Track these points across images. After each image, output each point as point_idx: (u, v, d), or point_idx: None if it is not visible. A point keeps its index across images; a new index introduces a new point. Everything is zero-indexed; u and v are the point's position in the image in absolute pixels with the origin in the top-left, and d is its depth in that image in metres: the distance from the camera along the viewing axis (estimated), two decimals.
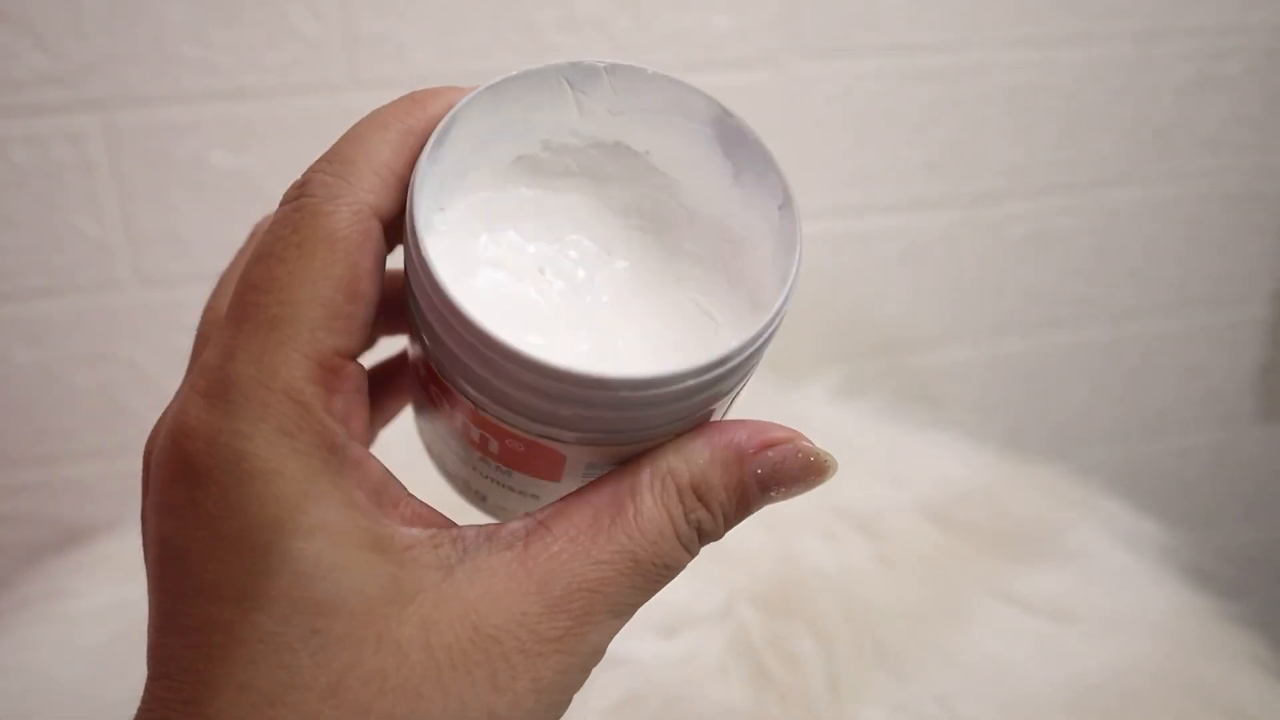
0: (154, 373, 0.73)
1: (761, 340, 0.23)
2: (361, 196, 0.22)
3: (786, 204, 0.24)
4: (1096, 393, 0.96)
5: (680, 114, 0.26)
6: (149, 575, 0.22)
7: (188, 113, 0.68)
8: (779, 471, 0.25)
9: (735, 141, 0.25)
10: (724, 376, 0.23)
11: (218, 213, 0.70)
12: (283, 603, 0.20)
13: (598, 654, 0.23)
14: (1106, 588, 0.52)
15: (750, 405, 0.26)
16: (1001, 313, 0.90)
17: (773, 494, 0.25)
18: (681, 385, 0.22)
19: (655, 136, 0.26)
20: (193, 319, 0.27)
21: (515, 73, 0.25)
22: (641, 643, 0.48)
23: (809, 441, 0.25)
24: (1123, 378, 0.96)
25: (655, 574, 0.23)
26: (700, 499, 0.23)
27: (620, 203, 0.27)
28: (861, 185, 0.83)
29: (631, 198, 0.27)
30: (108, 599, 0.54)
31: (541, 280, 0.26)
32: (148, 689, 0.22)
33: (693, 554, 0.24)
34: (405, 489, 0.23)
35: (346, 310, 0.22)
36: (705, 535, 0.24)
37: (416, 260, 0.22)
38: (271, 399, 0.21)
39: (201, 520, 0.21)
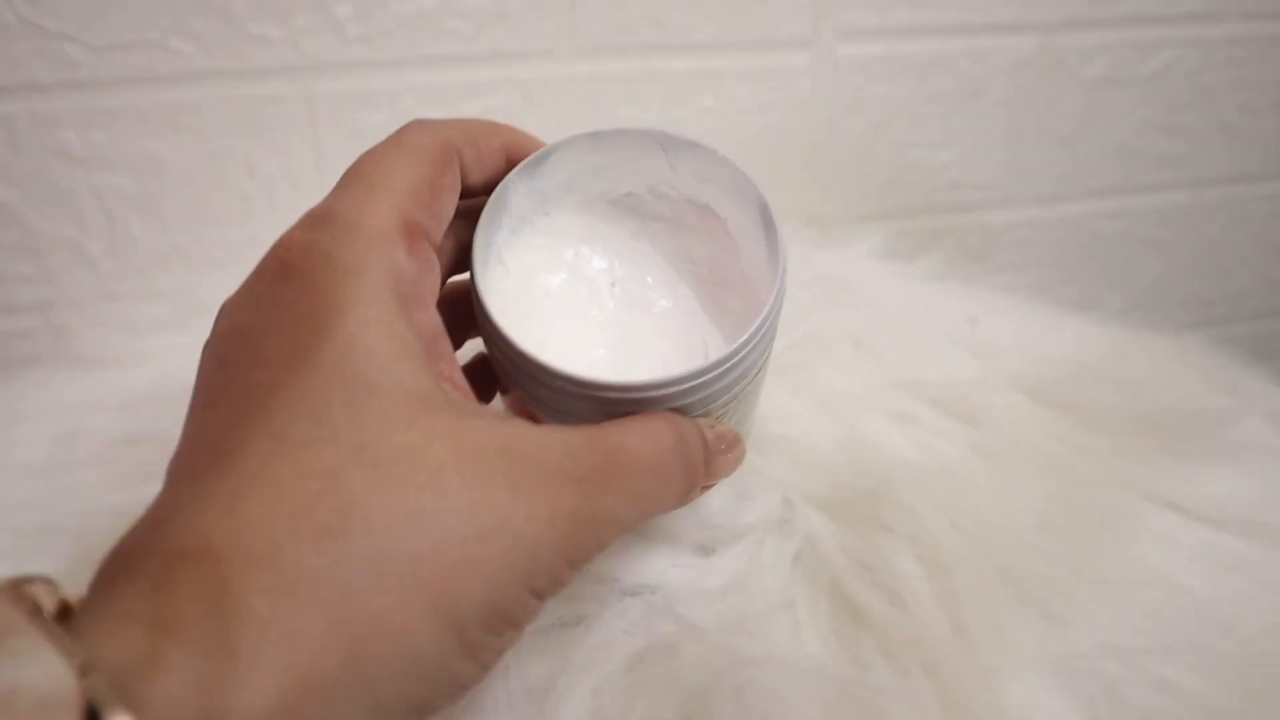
0: (15, 208, 0.56)
1: (706, 377, 0.28)
2: (449, 135, 0.29)
3: (784, 280, 0.30)
4: (1170, 267, 0.81)
5: (741, 194, 0.32)
6: (201, 377, 0.25)
7: None
8: (722, 435, 0.30)
9: (769, 226, 0.31)
10: (677, 395, 0.28)
11: None
12: (329, 369, 0.23)
13: (607, 529, 0.25)
14: None
15: (790, 265, 0.30)
16: (1069, 168, 0.75)
17: (718, 457, 0.30)
18: (642, 394, 0.27)
19: (730, 208, 0.33)
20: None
21: (612, 128, 0.32)
22: (671, 564, 0.33)
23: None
24: (1202, 250, 0.82)
25: (654, 474, 0.26)
26: (681, 433, 0.28)
27: (695, 253, 0.35)
28: (915, 1, 0.66)
29: (706, 252, 0.34)
30: None
31: (604, 293, 0.34)
32: (177, 460, 0.23)
33: (682, 481, 0.28)
34: (452, 351, 0.27)
35: (427, 198, 0.27)
36: (689, 467, 0.28)
37: (473, 288, 0.29)
38: (363, 230, 0.25)
39: (279, 304, 0.24)
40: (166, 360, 0.46)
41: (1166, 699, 0.28)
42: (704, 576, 0.33)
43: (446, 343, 0.27)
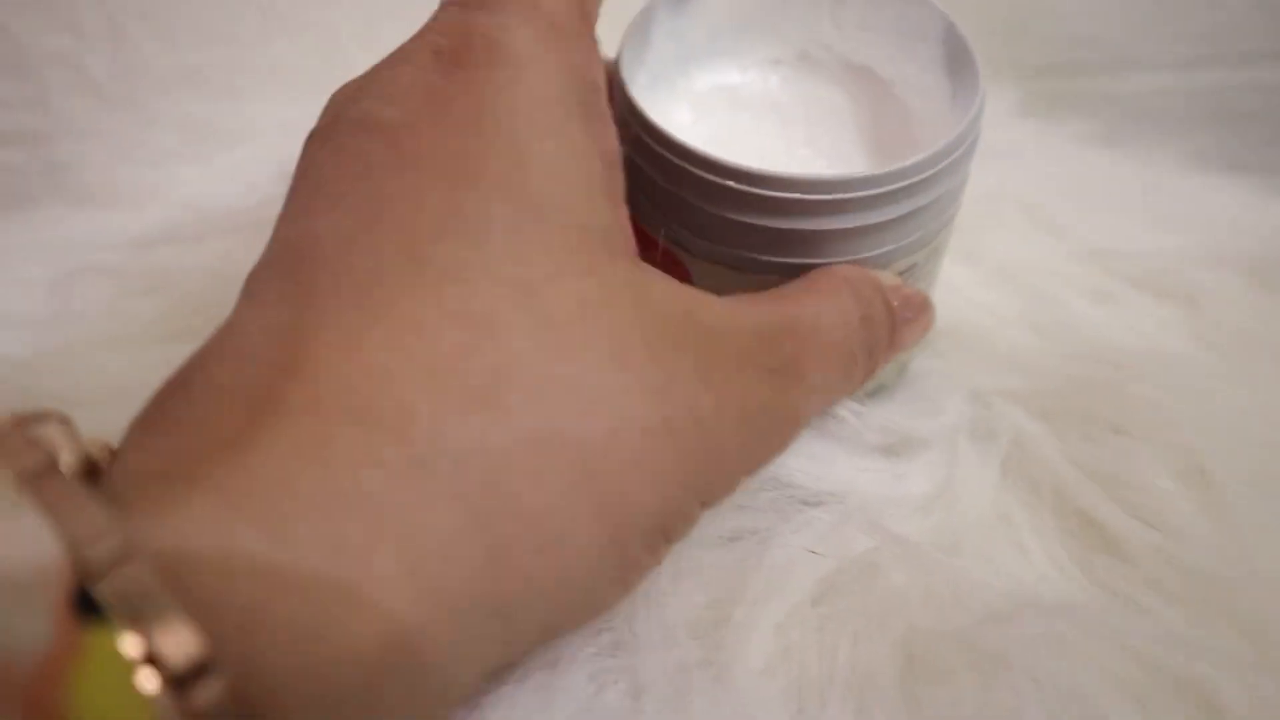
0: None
1: (888, 185, 0.23)
2: None
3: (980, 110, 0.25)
4: None
5: (918, 36, 0.28)
6: (311, 170, 0.19)
7: None
8: (905, 297, 0.24)
9: (957, 59, 0.27)
10: (834, 206, 0.22)
11: None
12: (491, 183, 0.18)
13: (794, 429, 0.21)
14: None
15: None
16: (1219, 25, 0.65)
17: (902, 325, 0.24)
18: (816, 197, 0.22)
19: (900, 65, 0.29)
20: None
21: None
22: (854, 465, 0.25)
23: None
24: None
25: (838, 355, 0.21)
26: (866, 299, 0.22)
27: (859, 124, 0.29)
28: None
29: (870, 121, 0.29)
30: None
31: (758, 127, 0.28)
32: (268, 270, 0.17)
33: (860, 365, 0.22)
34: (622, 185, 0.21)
35: None
36: (871, 347, 0.22)
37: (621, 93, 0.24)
38: (541, 10, 0.19)
39: (432, 98, 0.18)
40: (187, 191, 0.38)
41: None
42: (899, 483, 0.25)
43: (621, 174, 0.21)
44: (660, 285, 0.19)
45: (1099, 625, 0.21)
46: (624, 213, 0.21)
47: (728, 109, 0.29)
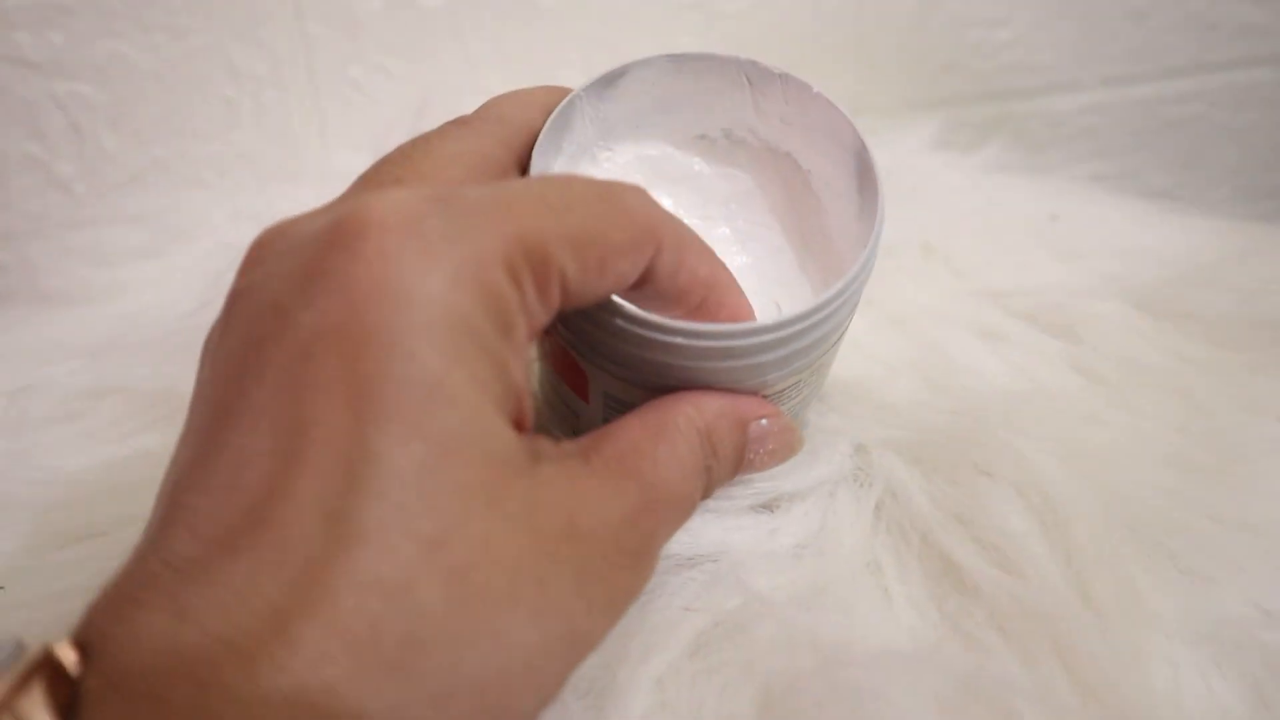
0: None
1: (767, 335, 0.24)
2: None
3: (878, 236, 0.26)
4: (1249, 154, 0.74)
5: (834, 140, 0.28)
6: (215, 362, 0.20)
7: None
8: (767, 433, 0.26)
9: (865, 177, 0.27)
10: (716, 353, 0.24)
11: None
12: (405, 422, 0.18)
13: (649, 579, 0.23)
14: None
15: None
16: (1142, 44, 0.67)
17: (755, 457, 0.26)
18: (698, 344, 0.23)
19: (816, 159, 0.29)
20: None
21: (696, 52, 0.28)
22: (727, 527, 0.28)
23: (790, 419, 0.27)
24: None
25: (683, 505, 0.23)
26: (711, 445, 0.24)
27: (776, 209, 0.31)
28: None
29: (784, 207, 0.31)
30: None
31: None
32: (176, 494, 0.18)
33: (700, 498, 0.24)
34: (529, 392, 0.22)
35: (594, 264, 0.22)
36: (709, 486, 0.25)
37: None
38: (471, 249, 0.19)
39: (343, 298, 0.18)
40: (140, 294, 0.41)
41: None
42: (771, 538, 0.28)
43: (523, 378, 0.22)
44: (547, 495, 0.20)
45: (945, 667, 0.23)
46: (521, 412, 0.21)
47: (650, 183, 0.30)
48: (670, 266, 0.23)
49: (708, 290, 0.24)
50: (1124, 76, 0.68)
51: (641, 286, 0.23)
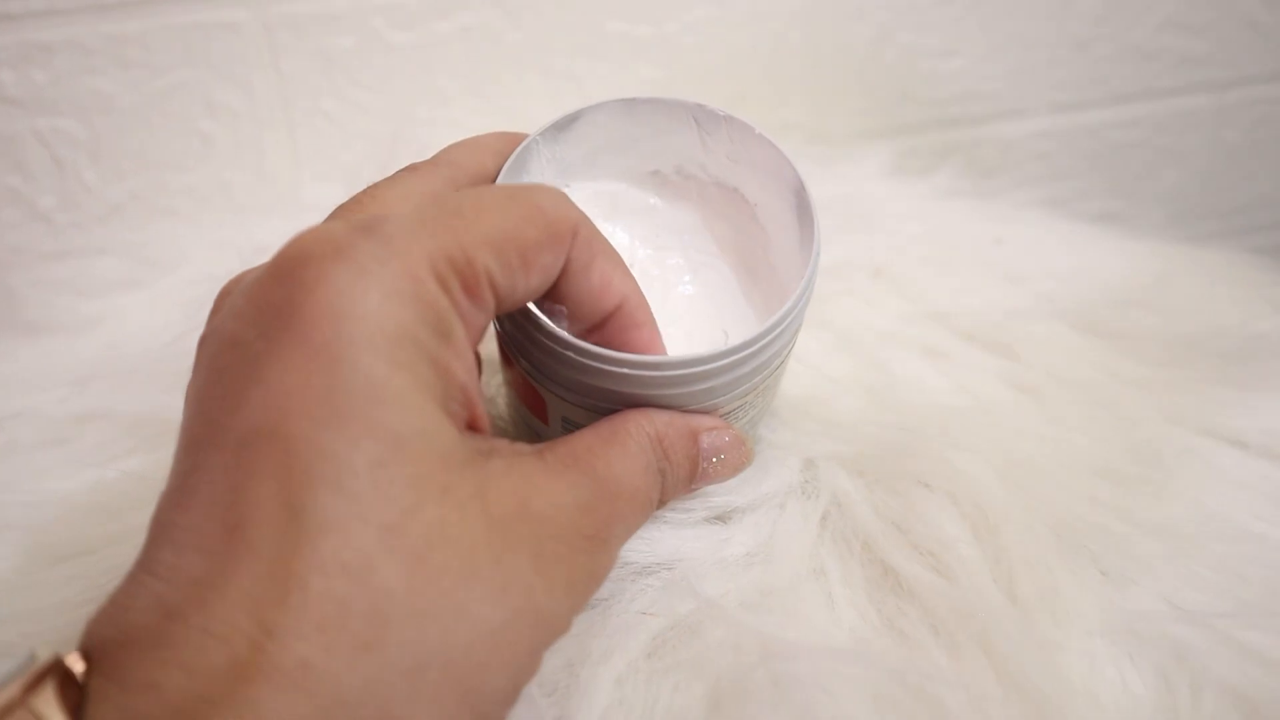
0: None
1: (712, 363, 0.26)
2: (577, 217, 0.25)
3: (814, 268, 0.28)
4: (1189, 176, 0.77)
5: (776, 177, 0.30)
6: (194, 394, 0.21)
7: None
8: (718, 445, 0.28)
9: (804, 212, 0.29)
10: (664, 381, 0.26)
11: None
12: (356, 424, 0.20)
13: (608, 571, 0.24)
14: None
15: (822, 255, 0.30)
16: (1085, 73, 0.70)
17: (708, 466, 0.28)
18: (642, 373, 0.26)
19: (761, 194, 0.31)
20: None
21: (647, 96, 0.30)
22: (683, 536, 0.30)
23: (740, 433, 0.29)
24: (1223, 157, 0.77)
25: (637, 501, 0.25)
26: (663, 450, 0.26)
27: (724, 241, 0.33)
28: None
29: (732, 238, 0.33)
30: None
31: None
32: (162, 515, 0.20)
33: (655, 503, 0.26)
34: (481, 394, 0.24)
35: (517, 263, 0.23)
36: (665, 490, 0.27)
37: None
38: (400, 250, 0.21)
39: (291, 322, 0.20)
40: (122, 322, 0.42)
41: (1256, 669, 0.25)
42: (723, 547, 0.30)
43: (477, 386, 0.24)
44: (499, 484, 0.22)
45: (879, 662, 0.25)
46: (472, 411, 0.23)
47: (607, 216, 0.32)
48: (584, 260, 0.25)
49: (622, 299, 0.26)
50: (1070, 103, 0.71)
51: (562, 285, 0.25)
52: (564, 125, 0.30)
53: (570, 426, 0.28)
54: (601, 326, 0.26)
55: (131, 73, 0.52)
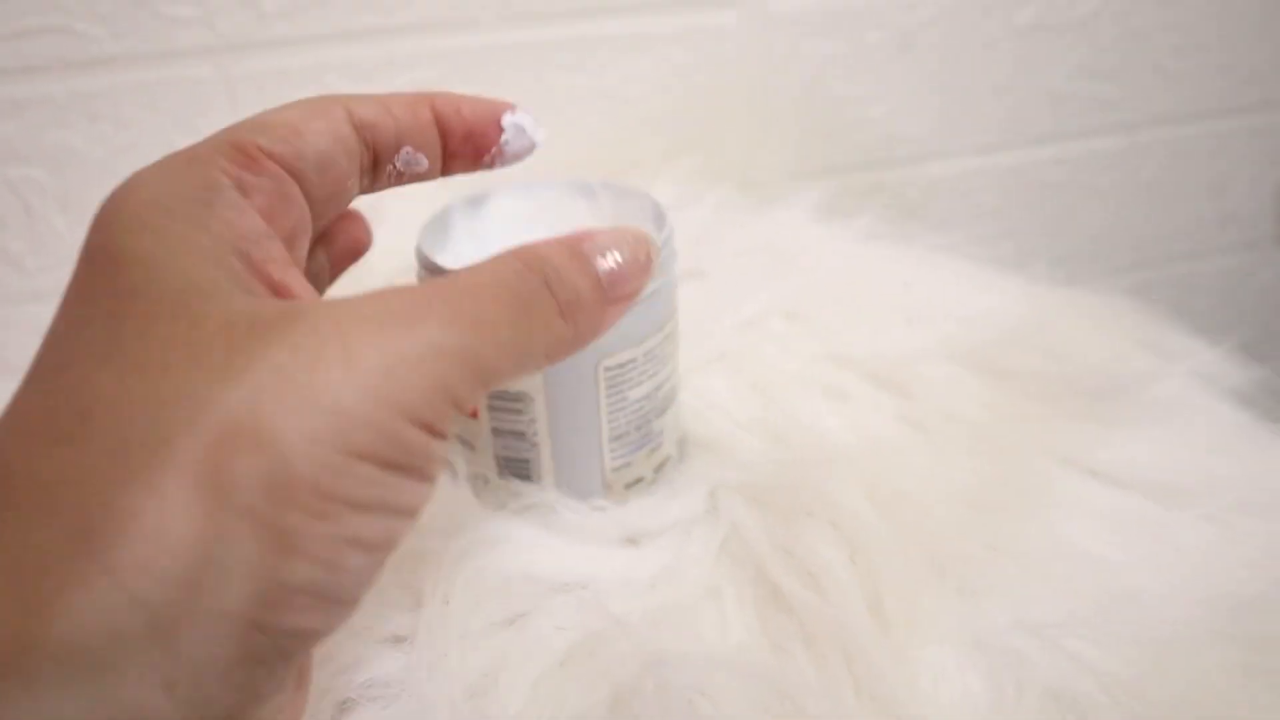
0: None
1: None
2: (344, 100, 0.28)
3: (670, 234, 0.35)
4: (1108, 211, 0.82)
5: (645, 216, 0.37)
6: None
7: None
8: (602, 243, 0.26)
9: (661, 220, 0.35)
10: None
11: None
12: (97, 290, 0.21)
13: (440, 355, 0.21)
14: (1221, 454, 0.38)
15: (722, 226, 0.50)
16: (1005, 116, 0.75)
17: (613, 268, 0.26)
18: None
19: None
20: None
21: (545, 181, 0.38)
22: (597, 559, 0.34)
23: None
24: (1138, 192, 0.82)
25: (521, 303, 0.23)
26: (538, 265, 0.24)
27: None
28: None
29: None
30: None
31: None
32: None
33: (557, 316, 0.24)
34: (289, 263, 0.25)
35: (287, 134, 0.26)
36: (562, 303, 0.24)
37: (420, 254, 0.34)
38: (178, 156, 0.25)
39: (89, 269, 0.22)
40: None
41: (1074, 672, 0.29)
42: (632, 568, 0.33)
43: (274, 245, 0.25)
44: (267, 305, 0.21)
45: (755, 671, 0.29)
46: (275, 271, 0.24)
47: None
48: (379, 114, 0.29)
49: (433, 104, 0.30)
50: (991, 144, 0.76)
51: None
52: (478, 202, 0.37)
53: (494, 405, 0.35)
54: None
55: (99, 126, 0.55)
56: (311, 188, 0.27)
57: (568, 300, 0.24)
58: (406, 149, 0.29)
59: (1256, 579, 0.32)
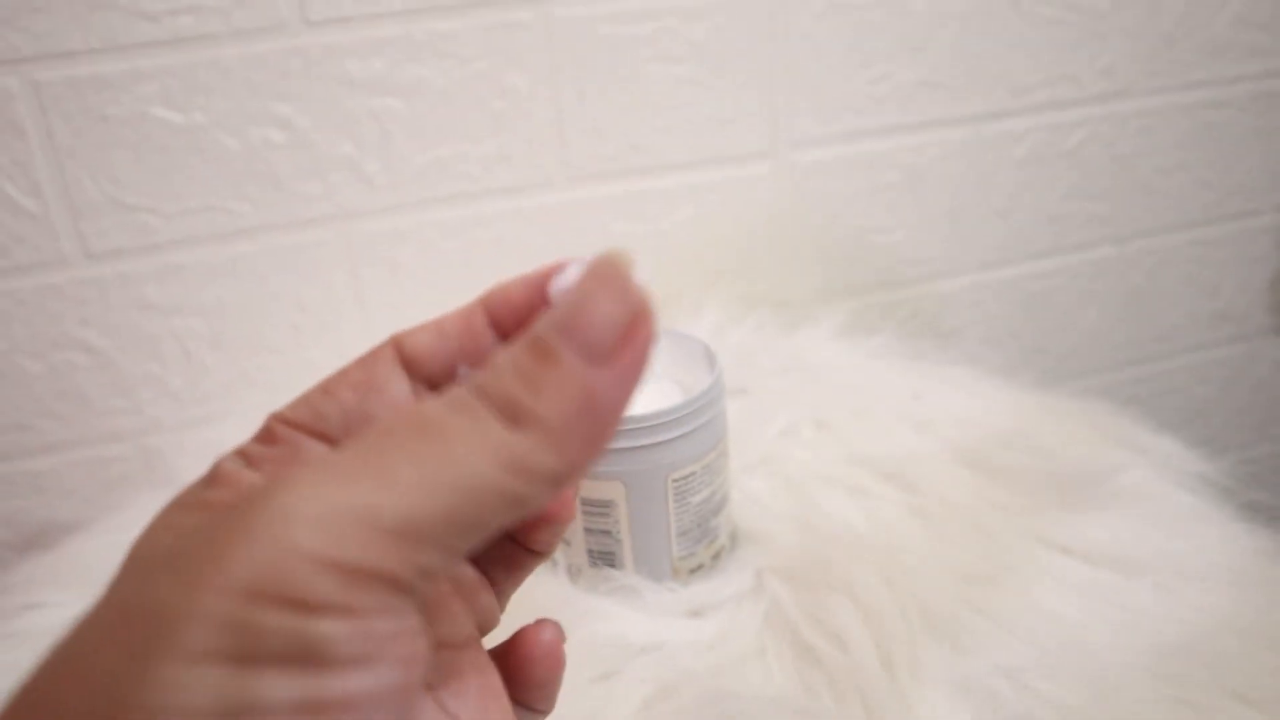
0: (108, 353, 0.67)
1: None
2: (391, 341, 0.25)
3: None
4: (1104, 314, 0.92)
5: (697, 358, 0.47)
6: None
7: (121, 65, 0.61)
8: (561, 284, 0.25)
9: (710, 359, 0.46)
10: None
11: (164, 175, 0.64)
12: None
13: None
14: (1171, 533, 0.47)
15: (759, 348, 0.52)
16: (1007, 236, 0.85)
17: (568, 309, 0.21)
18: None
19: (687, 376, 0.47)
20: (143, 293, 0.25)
21: None
22: (670, 627, 0.43)
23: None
24: (1130, 296, 0.92)
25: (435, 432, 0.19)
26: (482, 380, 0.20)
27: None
28: (856, 108, 0.77)
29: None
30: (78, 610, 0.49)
31: None
32: None
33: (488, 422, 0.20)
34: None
35: (311, 395, 0.24)
36: (521, 394, 0.20)
37: None
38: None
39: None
40: None
41: (1037, 705, 0.38)
42: (697, 634, 0.43)
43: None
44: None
45: (791, 705, 0.39)
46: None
47: None
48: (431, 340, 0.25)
49: None
50: (995, 261, 0.87)
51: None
52: None
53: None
54: None
55: (243, 282, 0.68)
56: (341, 435, 0.24)
57: (506, 401, 0.19)
58: (462, 367, 0.24)
59: (1185, 631, 0.41)
